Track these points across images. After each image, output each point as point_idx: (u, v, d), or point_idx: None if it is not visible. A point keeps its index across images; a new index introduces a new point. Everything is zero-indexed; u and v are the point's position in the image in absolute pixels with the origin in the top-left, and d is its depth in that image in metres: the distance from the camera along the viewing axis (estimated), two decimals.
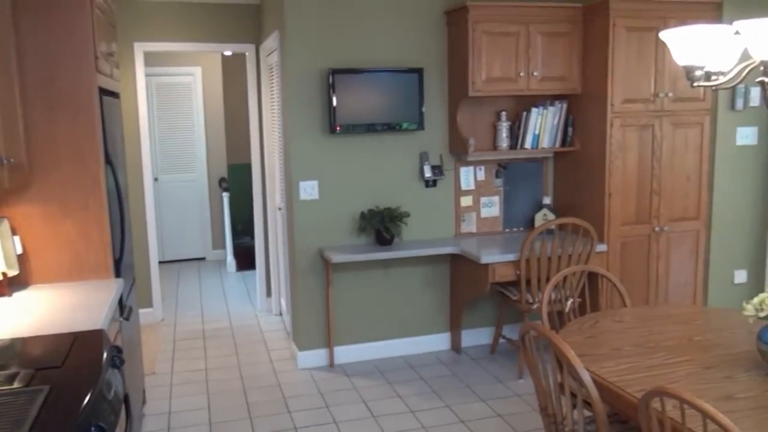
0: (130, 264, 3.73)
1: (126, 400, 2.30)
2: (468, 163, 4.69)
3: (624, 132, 4.34)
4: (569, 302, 3.69)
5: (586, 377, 2.12)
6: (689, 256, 4.61)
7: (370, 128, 4.38)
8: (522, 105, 4.61)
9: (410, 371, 4.44)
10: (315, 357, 4.55)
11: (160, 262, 6.52)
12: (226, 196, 7.36)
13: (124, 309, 3.20)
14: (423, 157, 4.59)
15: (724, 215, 4.62)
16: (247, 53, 5.64)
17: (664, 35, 2.18)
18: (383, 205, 4.50)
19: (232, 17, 5.53)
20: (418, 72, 4.42)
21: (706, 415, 1.68)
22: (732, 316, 2.89)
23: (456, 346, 4.78)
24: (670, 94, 4.37)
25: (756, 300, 2.27)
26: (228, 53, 6.90)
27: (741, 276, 4.71)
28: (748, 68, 2.11)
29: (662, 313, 3.08)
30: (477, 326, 4.85)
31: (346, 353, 4.61)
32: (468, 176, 4.70)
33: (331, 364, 4.54)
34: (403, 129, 4.45)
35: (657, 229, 4.49)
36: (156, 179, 7.74)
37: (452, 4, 4.46)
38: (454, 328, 4.78)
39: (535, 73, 4.36)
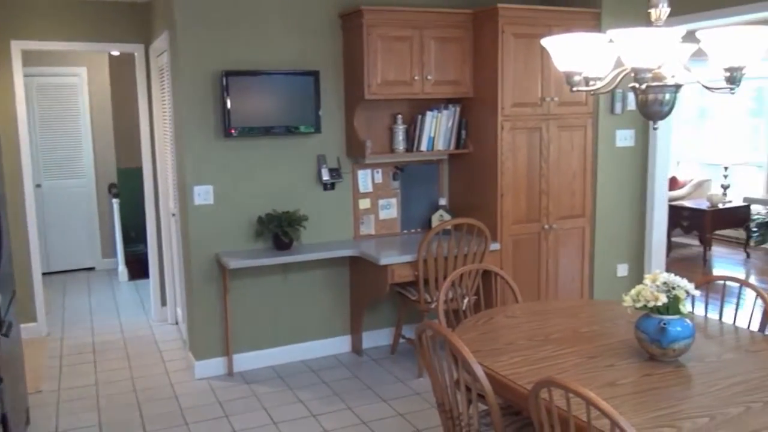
0: (9, 276, 3.50)
1: (4, 420, 2.15)
2: (365, 166, 4.72)
3: (514, 134, 4.51)
4: (465, 300, 3.79)
5: (480, 372, 2.18)
6: (576, 252, 4.85)
7: (267, 131, 4.33)
8: (417, 108, 4.70)
9: (311, 375, 4.42)
10: (213, 366, 4.44)
11: (44, 274, 6.14)
12: (116, 202, 7.04)
13: (2, 324, 2.99)
14: (320, 160, 4.58)
15: (606, 213, 4.90)
16: (136, 53, 5.42)
17: (545, 42, 2.28)
18: (281, 208, 4.45)
19: (119, 15, 5.30)
20: (314, 75, 4.41)
21: (589, 402, 1.77)
22: (614, 308, 3.07)
23: (357, 348, 4.79)
24: (556, 99, 4.59)
25: (633, 292, 2.42)
26: (116, 53, 6.60)
27: (623, 270, 5.01)
28: (622, 74, 2.25)
29: (551, 307, 3.22)
30: (377, 327, 4.89)
31: (245, 360, 4.52)
32: (366, 179, 4.73)
33: (230, 373, 4.44)
34: (300, 132, 4.42)
35: (546, 227, 4.69)
36: (38, 185, 7.28)
37: (347, 7, 4.48)
38: (355, 330, 4.80)
39: (429, 77, 4.46)
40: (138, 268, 7.09)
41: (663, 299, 2.31)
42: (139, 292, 6.64)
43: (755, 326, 2.85)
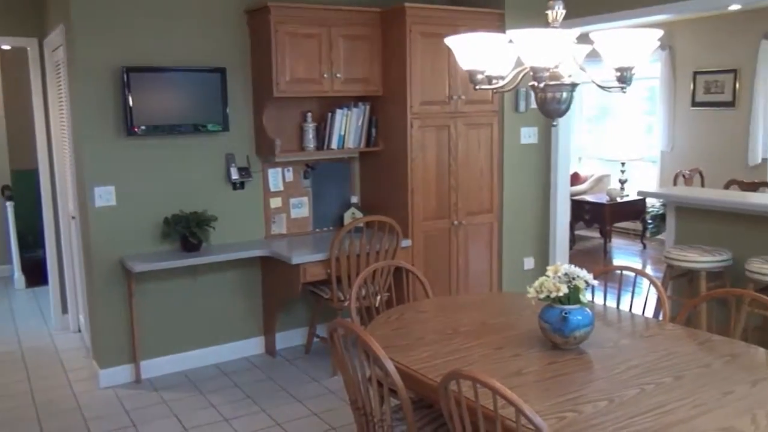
0: None
1: None
2: (276, 165, 4.67)
3: (423, 132, 4.58)
4: (378, 297, 3.81)
5: (391, 367, 2.20)
6: (485, 247, 4.98)
7: (173, 129, 4.20)
8: (327, 106, 4.68)
9: (224, 379, 4.33)
10: (119, 374, 4.26)
11: None
12: (10, 205, 6.64)
13: None
14: (229, 159, 4.49)
15: (513, 208, 5.05)
16: (29, 48, 5.13)
17: (449, 41, 2.33)
18: (189, 209, 4.33)
19: (10, 7, 5.00)
20: (221, 72, 4.31)
21: (495, 392, 1.82)
22: (520, 300, 3.16)
23: (270, 350, 4.73)
24: (463, 97, 4.69)
25: (536, 283, 2.50)
26: (6, 47, 6.22)
27: (529, 263, 5.18)
28: (522, 73, 2.32)
29: (461, 301, 3.29)
30: (291, 328, 4.85)
31: (154, 367, 4.37)
32: (276, 177, 4.68)
33: (138, 380, 4.28)
34: (208, 130, 4.32)
35: (456, 223, 4.79)
36: None
37: (253, 3, 4.41)
38: (268, 331, 4.73)
39: (338, 75, 4.45)
40: (36, 274, 6.72)
41: (564, 290, 2.40)
42: (37, 299, 6.30)
43: (650, 313, 3.01)
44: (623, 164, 7.82)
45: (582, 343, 2.48)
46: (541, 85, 2.12)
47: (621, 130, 7.93)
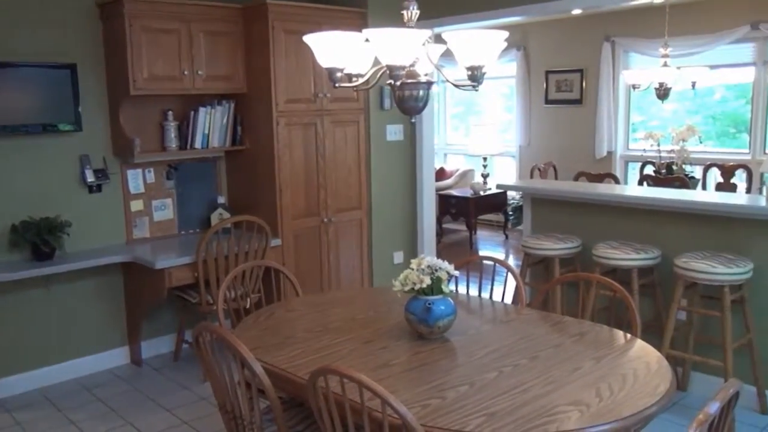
0: None
1: None
2: (136, 166, 4.46)
3: (290, 130, 4.55)
4: (249, 299, 3.75)
5: (258, 368, 2.18)
6: (355, 243, 5.03)
7: (18, 129, 3.89)
8: (189, 104, 4.53)
9: (85, 393, 4.08)
10: None
11: None
12: None
13: None
14: (84, 161, 4.23)
15: (381, 204, 5.14)
16: None
17: (307, 39, 2.33)
18: (40, 215, 4.04)
19: None
20: (71, 68, 4.06)
21: (361, 385, 1.85)
22: (388, 294, 3.22)
23: (136, 359, 4.52)
24: (329, 95, 4.71)
25: (401, 276, 2.57)
26: None
27: (399, 257, 5.30)
28: (380, 72, 2.37)
29: (330, 298, 3.31)
30: (158, 335, 4.66)
31: (6, 386, 4.04)
32: (137, 179, 4.47)
33: None
34: (59, 130, 4.05)
35: (325, 220, 4.81)
36: None
37: None
38: (133, 340, 4.52)
39: (199, 72, 4.32)
40: None
41: (427, 281, 2.49)
42: None
43: (509, 299, 3.18)
44: (485, 159, 8.18)
45: (446, 331, 2.57)
46: (398, 83, 2.17)
47: (483, 127, 8.29)
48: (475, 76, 2.18)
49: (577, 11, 4.21)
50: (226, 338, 2.22)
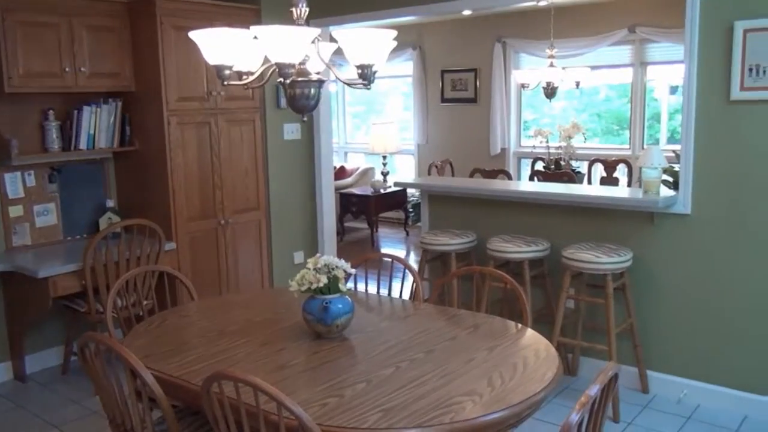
0: None
1: None
2: (13, 169, 4.17)
3: (182, 129, 4.41)
4: (141, 305, 3.61)
5: (149, 378, 2.10)
6: (254, 245, 4.95)
7: None
8: (72, 103, 4.29)
9: None
10: None
11: None
12: None
13: None
14: None
15: (280, 204, 5.09)
16: None
17: (193, 35, 2.26)
18: None
19: None
20: None
21: (256, 388, 1.82)
22: (287, 294, 3.18)
23: (20, 375, 4.24)
24: (222, 93, 4.60)
25: (298, 276, 2.55)
26: None
27: (299, 256, 5.26)
28: (271, 69, 2.33)
29: (227, 301, 3.24)
30: (44, 348, 4.39)
31: None
32: (15, 183, 4.19)
33: None
34: None
35: (222, 222, 4.70)
36: None
37: None
38: (16, 355, 4.23)
39: (82, 69, 4.11)
40: None
41: (324, 280, 2.48)
42: None
43: (408, 295, 3.23)
44: (385, 158, 8.26)
45: (345, 330, 2.57)
46: (288, 81, 2.15)
47: (383, 125, 8.36)
48: (366, 75, 2.19)
49: (467, 12, 4.33)
50: (114, 347, 2.12)
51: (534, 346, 2.42)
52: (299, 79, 2.23)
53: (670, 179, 4.36)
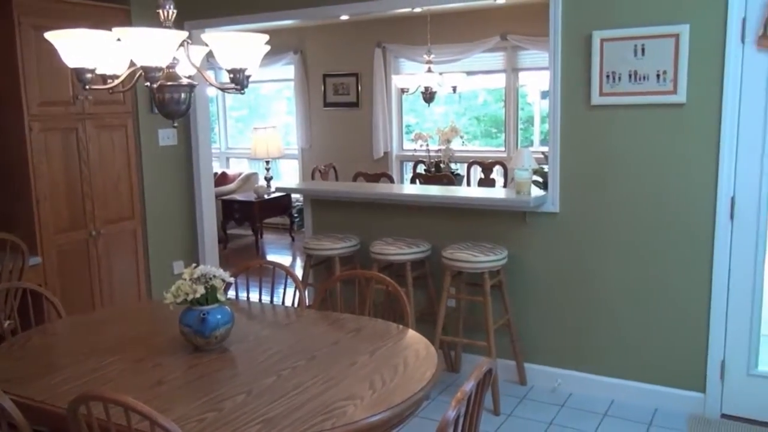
0: None
1: None
2: None
3: (46, 136, 4.14)
4: (2, 327, 3.35)
5: (8, 403, 1.94)
6: (130, 255, 4.73)
7: None
8: None
9: None
10: None
11: None
12: None
13: None
14: None
15: (157, 212, 4.89)
16: None
17: (49, 36, 2.13)
18: None
19: None
20: None
21: (126, 407, 1.74)
22: (164, 307, 3.07)
23: None
24: (90, 97, 4.36)
25: (173, 288, 2.46)
26: None
27: (179, 266, 5.08)
28: (138, 73, 2.24)
29: (99, 316, 3.08)
30: None
31: None
32: None
33: None
34: None
35: (94, 233, 4.45)
36: None
37: None
38: None
39: None
40: None
41: (201, 291, 2.41)
42: None
43: (294, 302, 3.19)
44: (268, 163, 8.15)
45: (224, 341, 2.51)
46: (155, 85, 2.07)
47: (266, 130, 8.24)
48: (238, 79, 2.15)
49: (344, 17, 4.36)
50: None
51: (415, 347, 2.46)
52: (168, 83, 2.15)
53: (540, 180, 4.59)
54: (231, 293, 3.12)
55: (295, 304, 3.13)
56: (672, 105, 3.39)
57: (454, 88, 6.79)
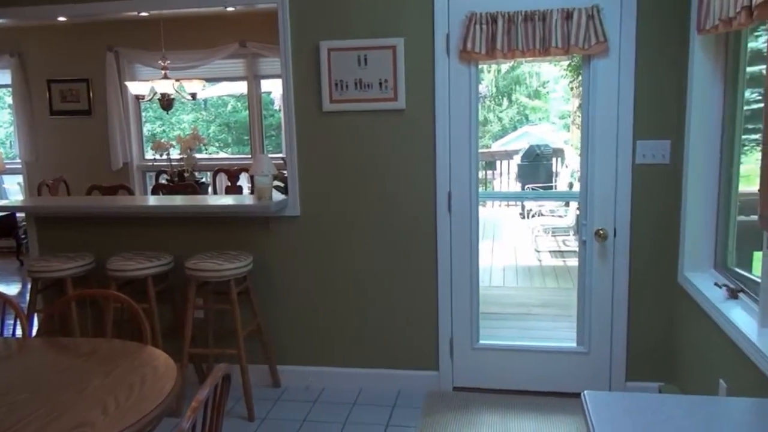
0: None
1: None
2: None
3: None
4: None
5: None
6: None
7: None
8: None
9: None
10: None
11: None
12: None
13: None
14: None
15: None
16: None
17: None
18: None
19: None
20: None
21: None
22: None
23: None
24: None
25: None
26: None
27: None
28: None
29: None
30: None
31: None
32: None
33: None
34: None
35: None
36: None
37: None
38: None
39: None
40: None
41: None
42: None
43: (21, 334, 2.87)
44: None
45: None
46: None
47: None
48: None
49: (62, 18, 4.02)
50: None
51: (153, 363, 2.37)
52: None
53: (282, 184, 4.70)
54: None
55: (18, 335, 2.83)
56: (394, 111, 3.70)
57: (194, 95, 6.65)
